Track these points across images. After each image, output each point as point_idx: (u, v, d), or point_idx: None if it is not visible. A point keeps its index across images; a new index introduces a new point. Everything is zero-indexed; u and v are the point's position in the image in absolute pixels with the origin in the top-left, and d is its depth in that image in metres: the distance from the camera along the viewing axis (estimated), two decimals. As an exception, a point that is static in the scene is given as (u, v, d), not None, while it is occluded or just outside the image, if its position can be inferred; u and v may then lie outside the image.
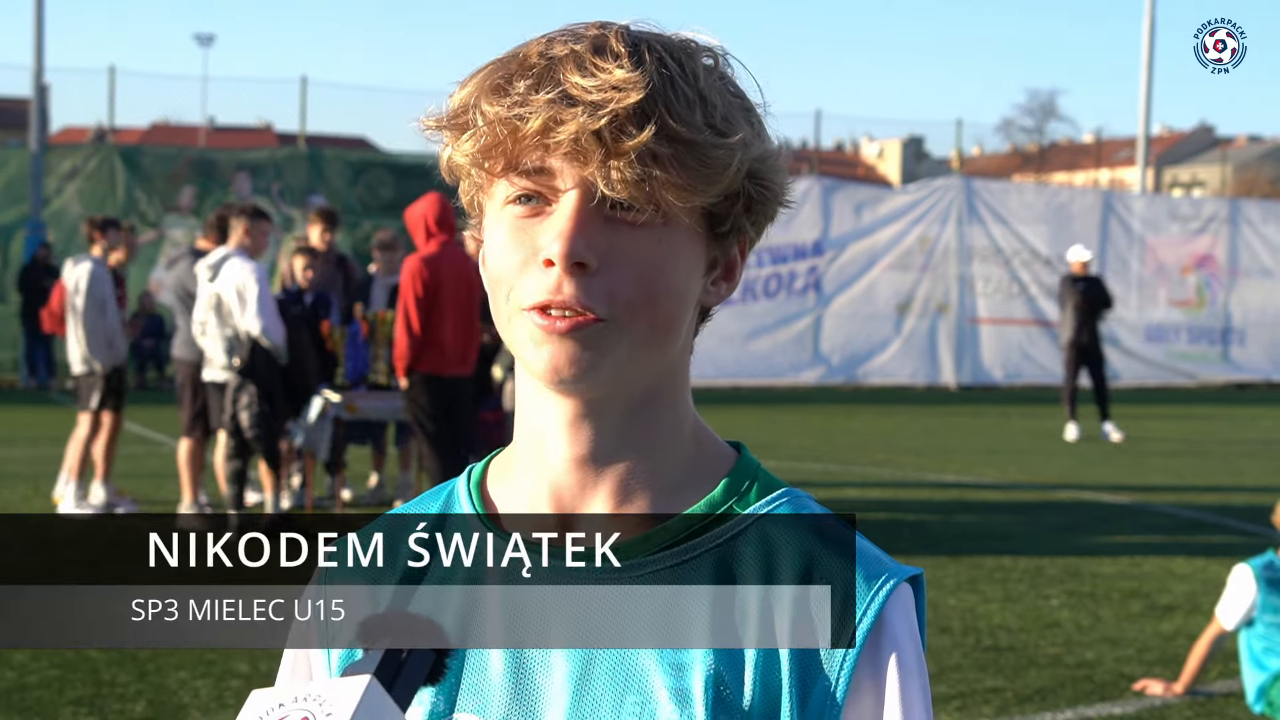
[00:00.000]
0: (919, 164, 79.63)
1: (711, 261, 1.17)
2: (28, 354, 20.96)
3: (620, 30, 1.13)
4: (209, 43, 64.74)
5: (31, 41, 22.42)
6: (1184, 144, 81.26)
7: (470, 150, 1.12)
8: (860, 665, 1.12)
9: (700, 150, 1.09)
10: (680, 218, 1.11)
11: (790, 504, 1.18)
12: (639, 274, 1.11)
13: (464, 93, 1.13)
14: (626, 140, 1.07)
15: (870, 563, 1.15)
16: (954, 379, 24.78)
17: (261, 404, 8.90)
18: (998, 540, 9.57)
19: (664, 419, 1.18)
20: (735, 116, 1.13)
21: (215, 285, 9.02)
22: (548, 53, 1.11)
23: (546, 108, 1.07)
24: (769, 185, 1.17)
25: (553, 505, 1.18)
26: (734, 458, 1.23)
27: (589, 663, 1.13)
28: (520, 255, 1.12)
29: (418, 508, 1.26)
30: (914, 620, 1.16)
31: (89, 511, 9.64)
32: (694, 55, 1.14)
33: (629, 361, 1.12)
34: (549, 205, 1.11)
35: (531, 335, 1.11)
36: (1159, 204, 28.41)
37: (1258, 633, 5.75)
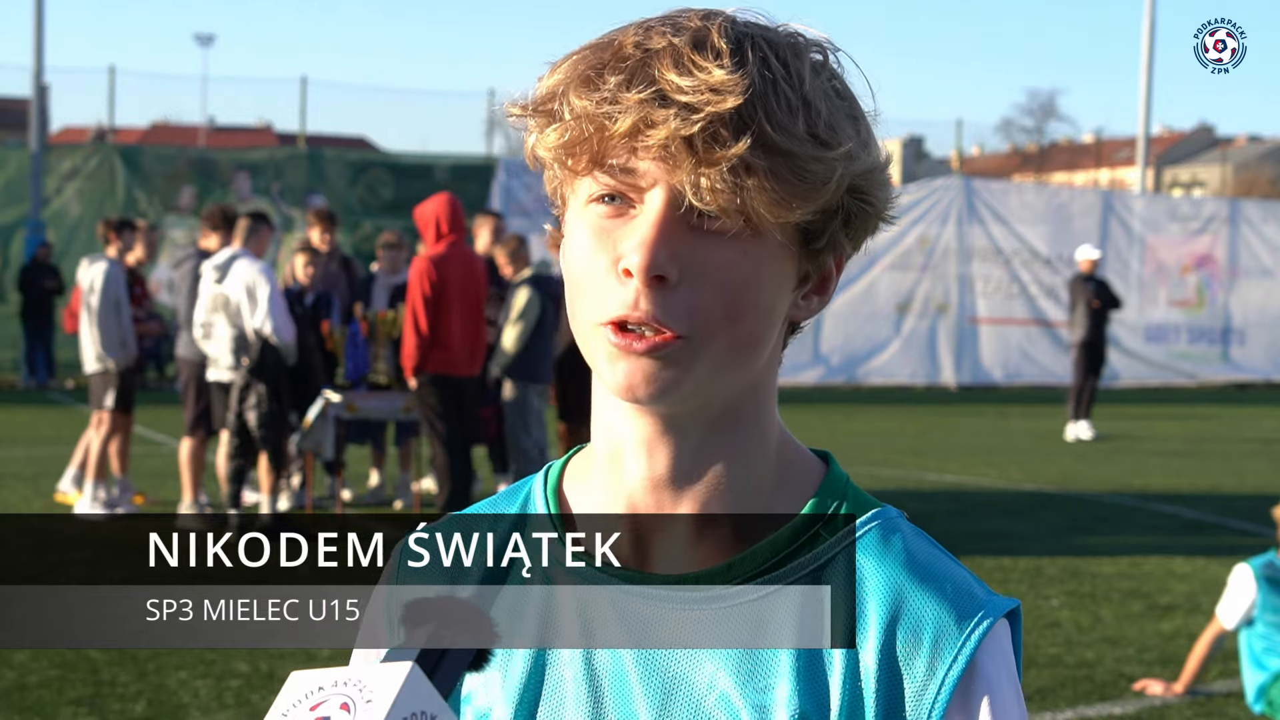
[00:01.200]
0: (919, 164, 79.59)
1: (803, 276, 1.11)
2: (28, 354, 20.95)
3: (724, 23, 1.05)
4: (209, 43, 64.75)
5: (31, 41, 22.44)
6: (1184, 144, 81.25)
7: (554, 144, 1.06)
8: (950, 711, 1.07)
9: (799, 163, 1.02)
10: (772, 232, 1.05)
11: (880, 528, 1.12)
12: (722, 289, 1.04)
13: (553, 79, 1.07)
14: (720, 149, 1.00)
15: (963, 599, 1.09)
16: (954, 379, 24.78)
17: (270, 403, 8.90)
18: (998, 540, 9.57)
19: (748, 436, 1.12)
20: (840, 124, 1.06)
21: (223, 286, 9.02)
22: (645, 43, 1.04)
23: (638, 108, 1.01)
24: (871, 200, 1.10)
25: (631, 523, 1.12)
26: (821, 473, 1.16)
27: (669, 696, 1.08)
28: (602, 262, 1.06)
29: (494, 508, 1.21)
30: (1010, 658, 1.10)
31: (102, 512, 9.65)
32: (801, 54, 1.07)
33: (709, 380, 1.07)
34: (633, 207, 1.05)
35: (607, 352, 1.06)
36: (1159, 204, 28.41)
37: (1258, 632, 5.75)
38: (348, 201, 23.62)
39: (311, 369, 9.37)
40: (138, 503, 10.22)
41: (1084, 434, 16.62)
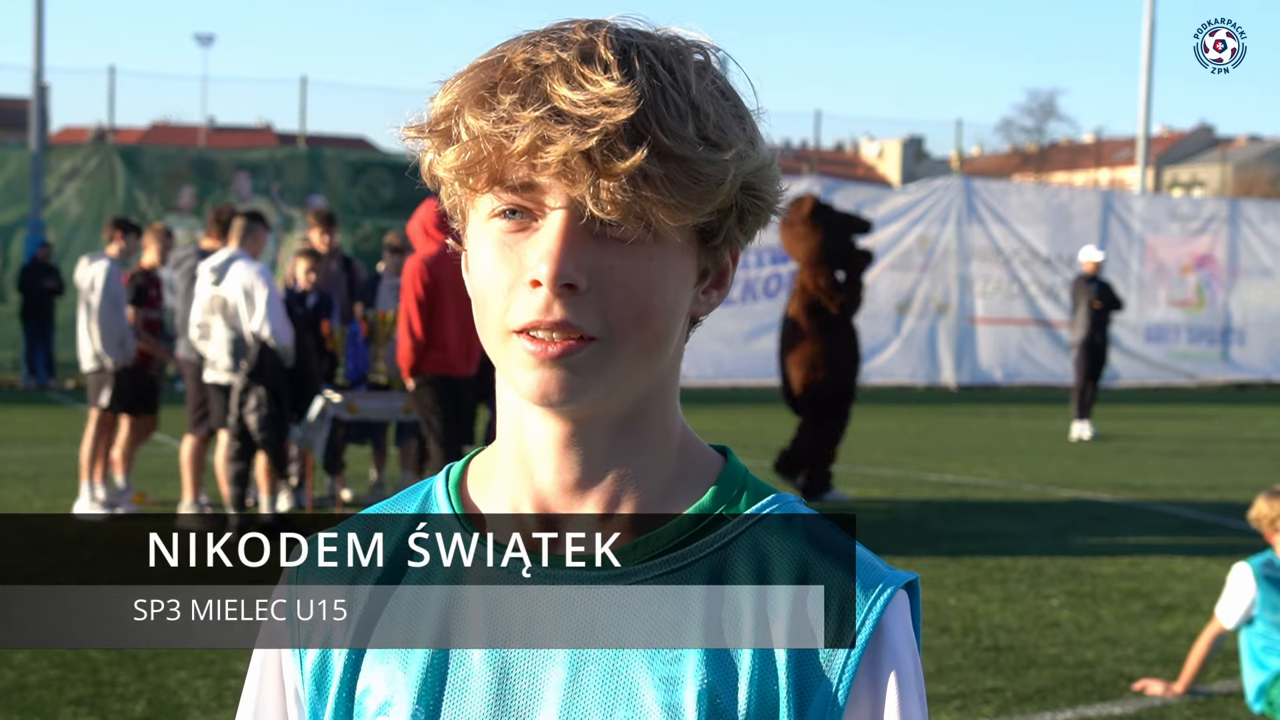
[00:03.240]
0: (919, 164, 79.59)
1: (703, 272, 1.14)
2: (28, 354, 20.95)
3: (609, 34, 1.07)
4: (209, 43, 64.70)
5: (31, 41, 22.44)
6: (1184, 144, 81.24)
7: (453, 164, 1.08)
8: (859, 675, 1.10)
9: (693, 167, 1.05)
10: (671, 234, 1.08)
11: (781, 509, 1.16)
12: (629, 293, 1.07)
13: (447, 99, 1.09)
14: (618, 161, 1.03)
15: (867, 570, 1.13)
16: (954, 379, 24.78)
17: (270, 406, 8.91)
18: (998, 540, 9.57)
19: (652, 432, 1.15)
20: (729, 125, 1.08)
21: (220, 288, 9.03)
22: (534, 60, 1.06)
23: (534, 125, 1.03)
24: (763, 196, 1.13)
25: (539, 517, 1.15)
26: (721, 464, 1.19)
27: (577, 674, 1.10)
28: (507, 274, 1.08)
29: (393, 507, 1.22)
30: (910, 628, 1.14)
31: (100, 513, 9.65)
32: (685, 58, 1.09)
33: (620, 381, 1.09)
34: (535, 221, 1.07)
35: (521, 360, 1.08)
36: (1159, 204, 28.41)
37: (1258, 631, 5.75)
38: (348, 201, 23.62)
39: (310, 371, 9.37)
40: (137, 502, 10.22)
41: (1084, 434, 16.64)
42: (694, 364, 23.20)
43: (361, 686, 1.15)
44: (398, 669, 1.13)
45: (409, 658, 1.14)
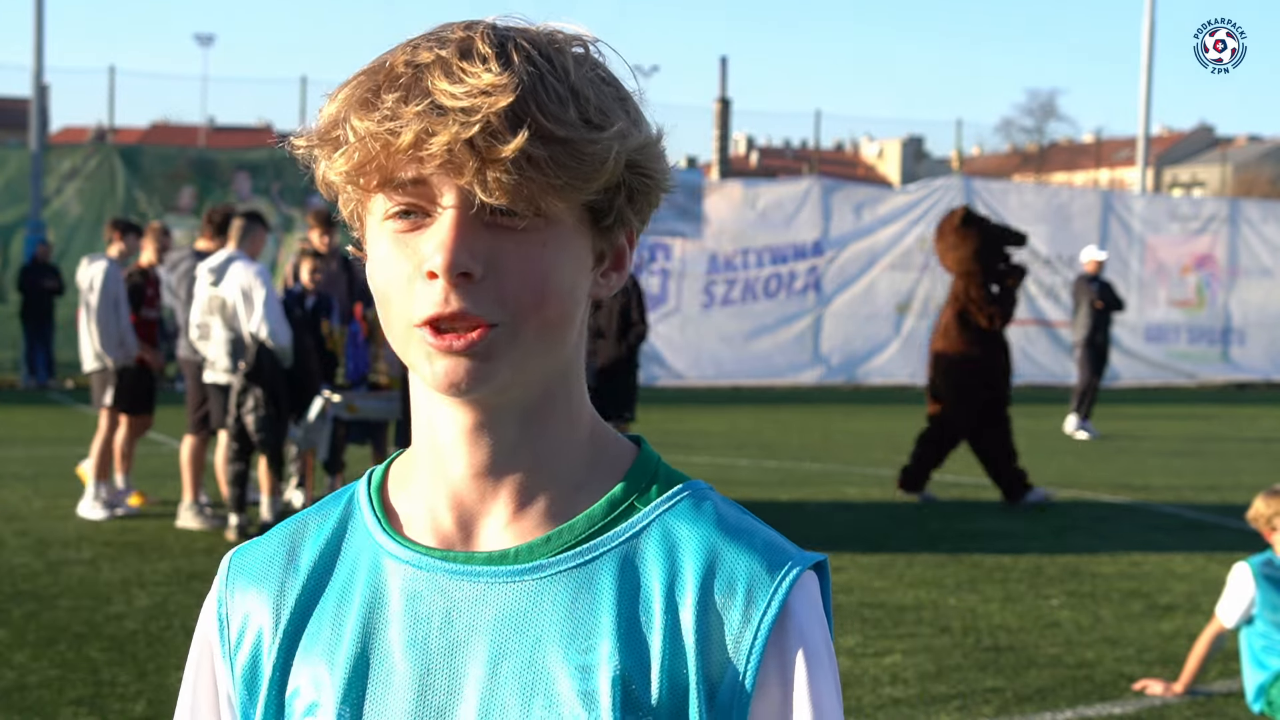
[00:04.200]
0: (919, 164, 79.60)
1: (599, 254, 1.16)
2: (28, 354, 20.95)
3: (486, 30, 1.10)
4: (209, 43, 64.71)
5: (31, 41, 22.43)
6: (1184, 144, 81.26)
7: (344, 168, 1.10)
8: (767, 656, 1.11)
9: (576, 148, 1.07)
10: (563, 216, 1.10)
11: (691, 497, 1.17)
12: (526, 278, 1.09)
13: (333, 107, 1.11)
14: (500, 147, 1.05)
15: (773, 552, 1.14)
16: (954, 379, 24.75)
17: (268, 407, 8.91)
18: (998, 540, 9.58)
19: (560, 420, 1.17)
20: (610, 107, 1.11)
21: (219, 289, 9.03)
22: (414, 60, 1.08)
23: (417, 120, 1.05)
24: (650, 173, 1.15)
25: (454, 510, 1.17)
26: (634, 453, 1.21)
27: (496, 667, 1.12)
28: (405, 269, 1.10)
29: (320, 512, 1.25)
30: (820, 607, 1.16)
31: (102, 512, 9.64)
32: (563, 48, 1.11)
33: (524, 365, 1.11)
34: (429, 216, 1.09)
35: (426, 352, 1.10)
36: (1159, 204, 28.41)
37: (1258, 630, 5.75)
38: (348, 201, 23.59)
39: (309, 371, 9.37)
40: (136, 502, 10.21)
41: (1083, 433, 16.64)
42: (694, 364, 23.19)
43: (290, 688, 1.18)
44: (324, 670, 1.16)
45: (335, 659, 1.16)
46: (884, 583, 8.09)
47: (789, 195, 24.33)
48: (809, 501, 11.15)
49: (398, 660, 1.14)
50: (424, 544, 1.17)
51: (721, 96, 28.73)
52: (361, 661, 1.15)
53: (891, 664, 6.38)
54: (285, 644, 1.19)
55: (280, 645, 1.19)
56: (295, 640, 1.19)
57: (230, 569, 1.24)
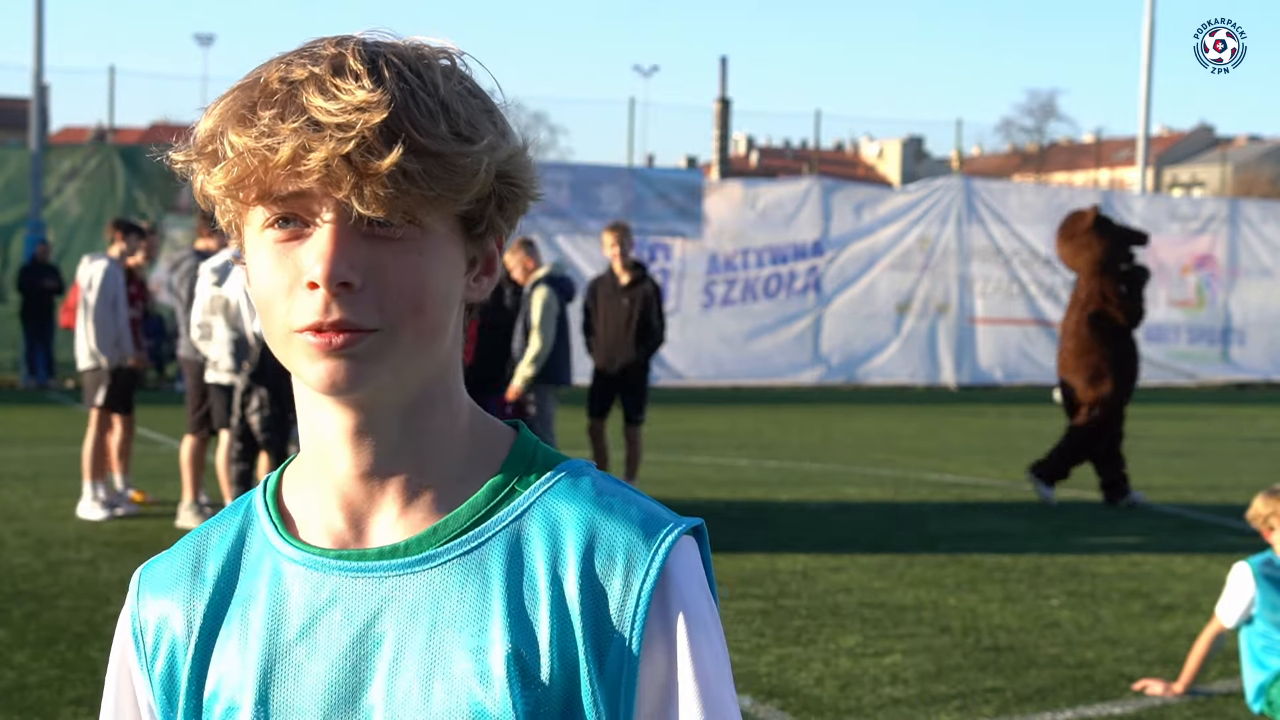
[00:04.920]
0: (919, 164, 79.61)
1: (471, 260, 1.20)
2: (28, 354, 20.95)
3: (356, 47, 1.14)
4: (209, 43, 64.77)
5: (31, 41, 22.43)
6: (1184, 144, 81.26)
7: (222, 182, 1.13)
8: (650, 621, 1.15)
9: (448, 161, 1.11)
10: (437, 226, 1.14)
11: (569, 476, 1.21)
12: (403, 286, 1.13)
13: (210, 122, 1.14)
14: (377, 162, 1.08)
15: (649, 520, 1.18)
16: (954, 379, 24.78)
17: (272, 406, 8.92)
18: (998, 540, 9.58)
19: (440, 416, 1.21)
20: (478, 120, 1.15)
21: (222, 289, 9.03)
22: (288, 77, 1.12)
23: (294, 136, 1.09)
24: (519, 183, 1.19)
25: (344, 510, 1.21)
26: (511, 439, 1.25)
27: (397, 656, 1.16)
28: (285, 279, 1.13)
29: (221, 522, 1.29)
30: (700, 570, 1.19)
31: (102, 512, 9.64)
32: (431, 63, 1.15)
33: (402, 367, 1.15)
34: (308, 227, 1.13)
35: (307, 353, 1.13)
36: (1159, 204, 28.40)
37: (1258, 630, 5.75)
38: (348, 201, 23.62)
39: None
40: (136, 500, 10.21)
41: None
42: (694, 364, 23.19)
43: (208, 693, 1.23)
44: (237, 673, 1.21)
45: (245, 662, 1.21)
46: (884, 583, 8.10)
47: (789, 195, 24.33)
48: (809, 501, 11.16)
49: (304, 658, 1.19)
50: (318, 545, 1.21)
51: (721, 96, 28.74)
52: (270, 662, 1.20)
53: (891, 664, 6.38)
54: (199, 651, 1.23)
55: (194, 653, 1.24)
56: (209, 647, 1.23)
57: (140, 584, 1.29)
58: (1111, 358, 11.40)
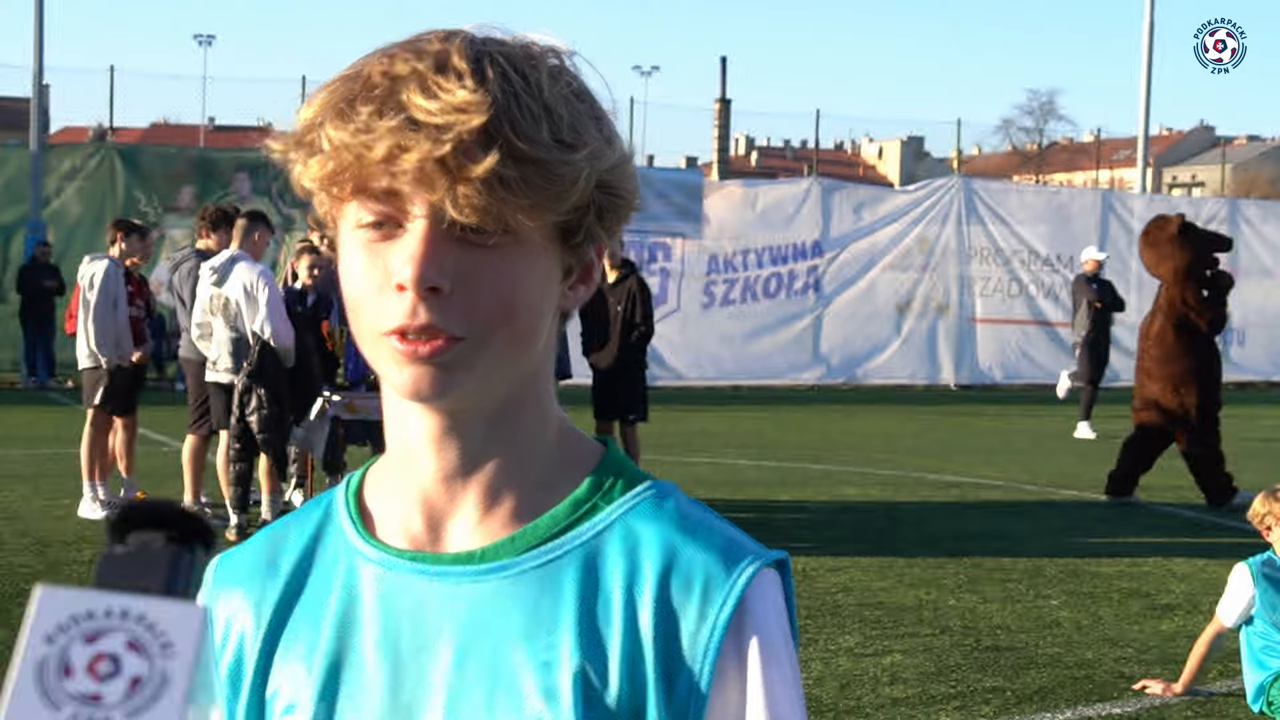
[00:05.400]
0: (919, 164, 79.62)
1: (567, 269, 1.17)
2: (28, 354, 20.95)
3: (463, 43, 1.10)
4: (209, 43, 64.75)
5: (31, 41, 22.44)
6: (1184, 144, 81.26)
7: (318, 175, 1.11)
8: (724, 653, 1.12)
9: (547, 168, 1.08)
10: (532, 234, 1.11)
11: (654, 496, 1.19)
12: (493, 294, 1.11)
13: (309, 112, 1.12)
14: (472, 166, 1.06)
15: (730, 549, 1.15)
16: (953, 379, 24.77)
17: (272, 406, 8.91)
18: (998, 540, 9.58)
19: (528, 423, 1.19)
20: (583, 125, 1.11)
21: (222, 289, 9.03)
22: (390, 71, 1.09)
23: (390, 135, 1.06)
24: (620, 193, 1.16)
25: (424, 512, 1.20)
26: (600, 454, 1.23)
27: (462, 665, 1.15)
28: (374, 279, 1.12)
29: (300, 518, 1.28)
30: (780, 604, 1.16)
31: (100, 515, 9.64)
32: (538, 63, 1.12)
33: (489, 376, 1.13)
34: (400, 227, 1.11)
35: (394, 358, 1.11)
36: (1159, 204, 28.39)
37: (1257, 631, 5.75)
38: (348, 201, 23.60)
39: (310, 371, 9.37)
40: (139, 498, 10.21)
41: (1084, 434, 16.66)
42: (694, 364, 23.18)
43: (270, 689, 1.21)
44: (302, 671, 1.19)
45: (312, 660, 1.19)
46: (884, 583, 8.10)
47: (789, 195, 24.33)
48: (809, 501, 11.15)
49: (370, 660, 1.17)
50: (395, 545, 1.20)
51: (721, 96, 28.75)
52: (336, 662, 1.18)
53: (891, 664, 6.38)
54: (266, 646, 1.22)
55: (261, 647, 1.22)
56: (275, 642, 1.21)
57: (215, 574, 1.27)
58: (1194, 365, 11.47)
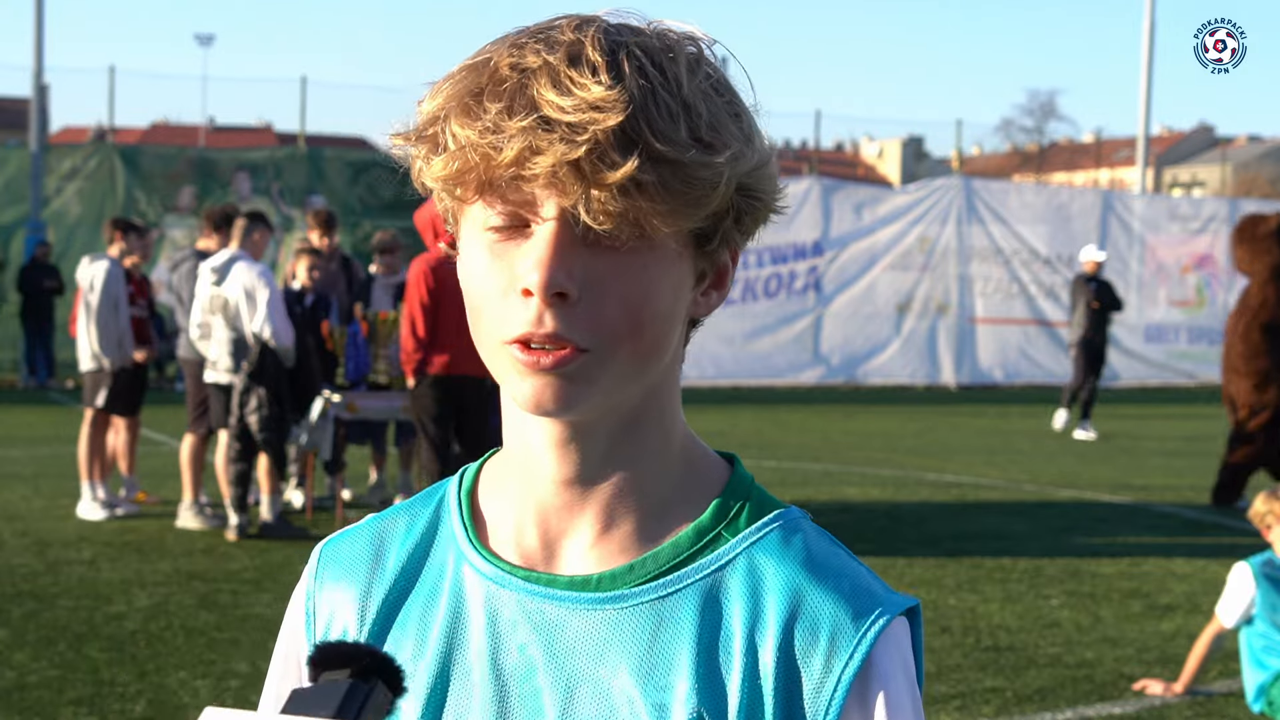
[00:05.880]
0: (919, 164, 79.61)
1: (700, 274, 1.12)
2: (28, 354, 20.95)
3: (597, 34, 1.04)
4: (209, 43, 64.67)
5: (31, 41, 22.44)
6: (1184, 144, 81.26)
7: (442, 173, 1.06)
8: (847, 709, 1.08)
9: (687, 171, 1.02)
10: (666, 240, 1.06)
11: (782, 529, 1.14)
12: (623, 302, 1.05)
13: (434, 104, 1.07)
14: (608, 171, 1.00)
15: (860, 597, 1.10)
16: (954, 379, 24.77)
17: (271, 406, 8.91)
18: (998, 540, 9.57)
19: (652, 436, 1.14)
20: (723, 123, 1.05)
21: (222, 289, 9.03)
22: (520, 63, 1.03)
23: (522, 135, 1.01)
24: (760, 196, 1.10)
25: (538, 526, 1.15)
26: (726, 474, 1.18)
27: (571, 695, 1.10)
28: (499, 282, 1.06)
29: (410, 511, 1.22)
30: (908, 656, 1.11)
31: (102, 512, 9.64)
32: (676, 55, 1.06)
33: (615, 389, 1.08)
34: (527, 227, 1.06)
35: (515, 368, 1.07)
36: (1159, 204, 28.40)
37: (1257, 631, 5.75)
38: (348, 201, 23.62)
39: (310, 371, 9.37)
40: (140, 499, 10.21)
41: (1083, 433, 16.65)
42: (694, 364, 23.18)
43: None
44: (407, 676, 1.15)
45: (418, 665, 1.14)
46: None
47: (789, 195, 24.12)
48: (809, 501, 11.15)
49: (477, 676, 1.13)
50: (507, 559, 1.15)
51: (721, 96, 28.77)
52: (444, 672, 1.14)
53: (891, 664, 6.37)
54: (370, 642, 1.17)
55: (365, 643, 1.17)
56: (381, 640, 1.17)
57: (320, 562, 1.22)
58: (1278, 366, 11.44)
